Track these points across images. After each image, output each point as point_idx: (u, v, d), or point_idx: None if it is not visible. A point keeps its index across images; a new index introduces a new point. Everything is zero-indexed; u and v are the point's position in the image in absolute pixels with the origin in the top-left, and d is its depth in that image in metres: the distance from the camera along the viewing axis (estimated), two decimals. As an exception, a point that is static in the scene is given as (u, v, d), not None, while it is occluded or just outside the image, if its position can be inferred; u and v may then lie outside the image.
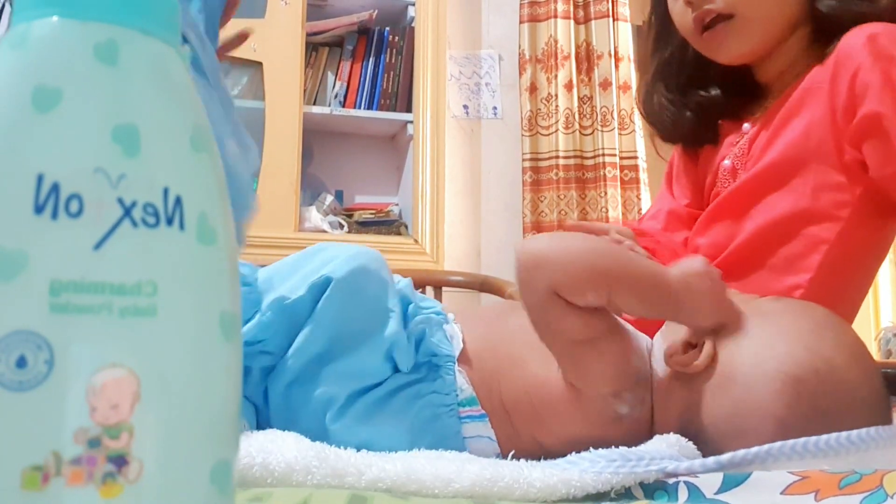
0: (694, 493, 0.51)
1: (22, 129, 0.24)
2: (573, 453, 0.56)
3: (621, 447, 0.57)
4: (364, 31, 2.39)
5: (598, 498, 0.52)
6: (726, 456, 0.54)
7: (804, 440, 0.54)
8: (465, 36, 2.57)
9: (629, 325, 0.72)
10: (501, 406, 0.67)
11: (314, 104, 2.31)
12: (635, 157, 2.46)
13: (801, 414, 0.59)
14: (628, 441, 0.63)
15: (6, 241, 0.23)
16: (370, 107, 2.34)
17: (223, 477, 0.26)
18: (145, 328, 0.24)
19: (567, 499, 0.51)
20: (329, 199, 2.32)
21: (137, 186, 0.25)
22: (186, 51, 0.28)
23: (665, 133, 1.08)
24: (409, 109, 2.35)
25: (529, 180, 2.43)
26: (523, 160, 2.45)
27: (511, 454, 0.63)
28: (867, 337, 2.87)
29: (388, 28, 2.38)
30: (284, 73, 2.17)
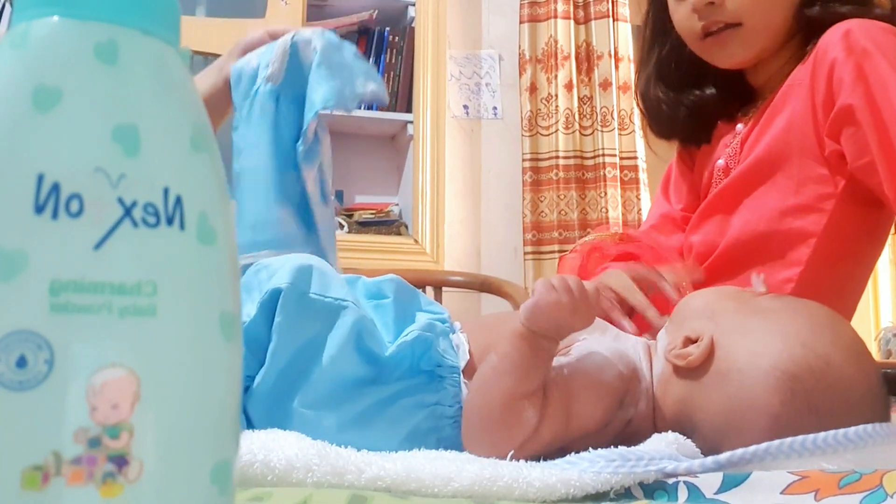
0: (694, 492, 0.51)
1: (22, 129, 0.24)
2: (572, 453, 0.56)
3: (620, 447, 0.57)
4: (364, 31, 2.39)
5: (598, 498, 0.52)
6: (725, 455, 0.54)
7: (802, 438, 0.54)
8: (465, 36, 2.57)
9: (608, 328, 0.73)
10: None
11: (314, 104, 2.31)
12: (635, 158, 2.46)
13: (795, 410, 0.60)
14: (631, 436, 0.63)
15: (6, 240, 0.23)
16: (370, 107, 2.34)
17: (223, 476, 0.26)
18: (145, 328, 0.24)
19: (566, 499, 0.51)
20: (329, 198, 2.32)
21: (137, 186, 0.25)
22: (187, 51, 0.28)
23: (660, 129, 1.09)
24: (409, 109, 2.35)
25: (529, 180, 2.43)
26: (523, 160, 2.45)
27: (510, 454, 0.63)
28: (867, 337, 2.87)
29: (388, 28, 2.38)
30: (284, 72, 2.17)
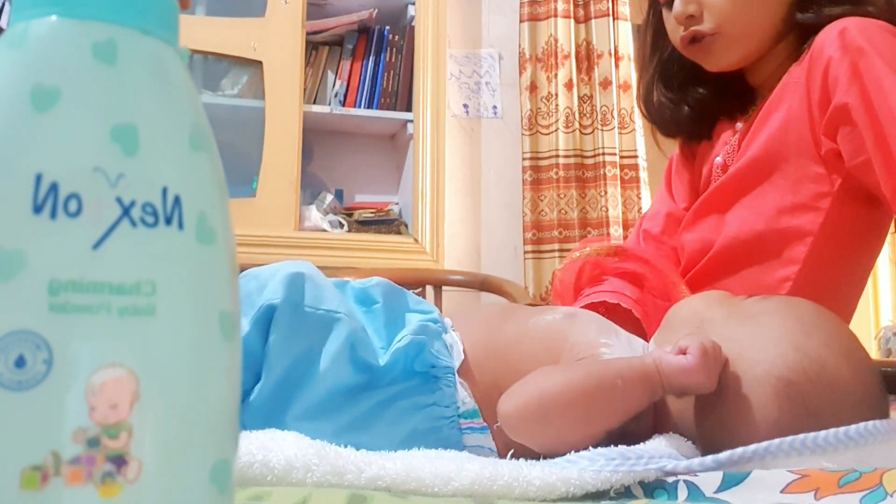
0: (693, 491, 0.51)
1: (20, 129, 0.24)
2: (572, 452, 0.56)
3: (620, 446, 0.57)
4: (364, 30, 2.39)
5: (598, 496, 0.52)
6: (725, 454, 0.54)
7: (803, 437, 0.54)
8: (465, 35, 2.57)
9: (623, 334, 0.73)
10: None
11: (314, 103, 2.31)
12: (635, 157, 2.46)
13: (794, 415, 0.59)
14: (632, 442, 0.63)
15: (5, 240, 0.23)
16: (370, 106, 2.34)
17: (223, 476, 0.26)
18: (144, 328, 0.24)
19: (566, 497, 0.51)
20: (329, 198, 2.32)
21: (136, 186, 0.25)
22: (186, 50, 0.28)
23: (665, 128, 1.10)
24: (409, 108, 2.34)
25: (529, 179, 2.43)
26: (523, 159, 2.45)
27: (510, 453, 0.63)
28: (867, 336, 2.87)
29: (388, 27, 2.38)
30: (284, 72, 2.17)
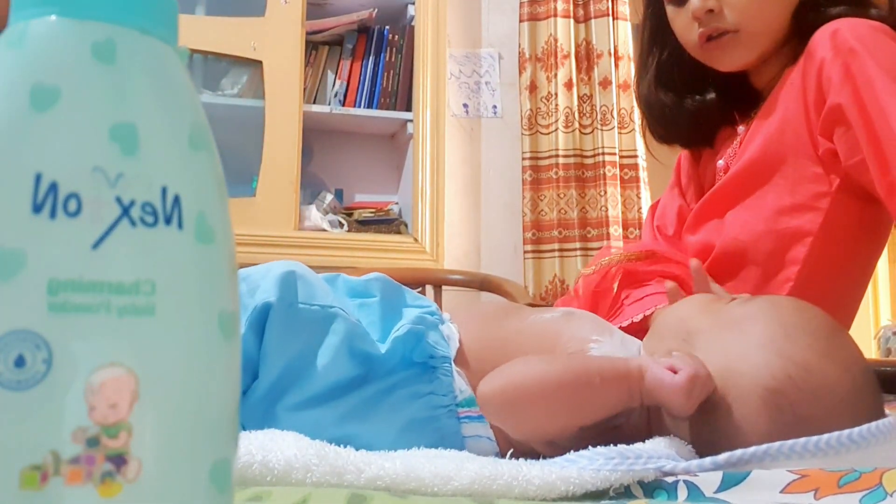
0: (693, 491, 0.51)
1: (20, 128, 0.24)
2: (571, 451, 0.56)
3: (620, 445, 0.57)
4: (364, 30, 2.39)
5: (597, 496, 0.51)
6: (724, 456, 0.53)
7: (805, 440, 0.54)
8: (464, 34, 2.57)
9: (620, 333, 0.73)
10: None
11: (314, 103, 2.31)
12: (635, 156, 2.46)
13: (784, 424, 0.59)
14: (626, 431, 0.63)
15: (4, 240, 0.23)
16: (370, 105, 2.34)
17: (222, 476, 0.26)
18: (144, 327, 0.24)
19: (566, 496, 0.51)
20: (329, 197, 2.32)
21: (135, 185, 0.25)
22: (185, 50, 0.28)
23: (663, 134, 1.09)
24: (408, 108, 2.34)
25: (529, 179, 2.43)
26: (523, 159, 2.45)
27: (510, 453, 0.63)
28: (866, 335, 2.87)
29: (387, 27, 2.38)
30: (284, 71, 2.17)
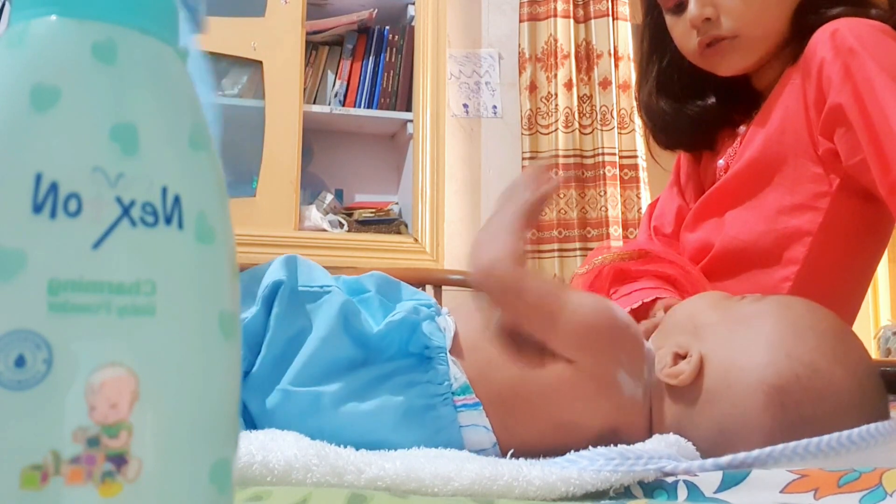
0: (693, 491, 0.51)
1: (20, 128, 0.24)
2: (571, 451, 0.56)
3: (620, 445, 0.57)
4: (364, 30, 2.39)
5: (597, 496, 0.52)
6: (725, 458, 0.54)
7: (806, 442, 0.54)
8: (464, 35, 2.56)
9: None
10: (496, 394, 0.67)
11: (314, 103, 2.31)
12: (635, 156, 2.45)
13: (788, 423, 0.59)
14: (624, 433, 0.63)
15: (4, 240, 0.23)
16: (370, 106, 2.34)
17: (222, 475, 0.26)
18: (144, 327, 0.24)
19: (566, 497, 0.51)
20: (329, 197, 2.32)
21: (136, 185, 0.25)
22: (185, 50, 0.28)
23: (665, 140, 1.09)
24: (408, 108, 2.34)
25: (529, 179, 2.43)
26: (523, 159, 2.45)
27: (510, 453, 0.63)
28: (866, 335, 2.87)
29: (387, 27, 2.38)
30: (284, 71, 2.17)
